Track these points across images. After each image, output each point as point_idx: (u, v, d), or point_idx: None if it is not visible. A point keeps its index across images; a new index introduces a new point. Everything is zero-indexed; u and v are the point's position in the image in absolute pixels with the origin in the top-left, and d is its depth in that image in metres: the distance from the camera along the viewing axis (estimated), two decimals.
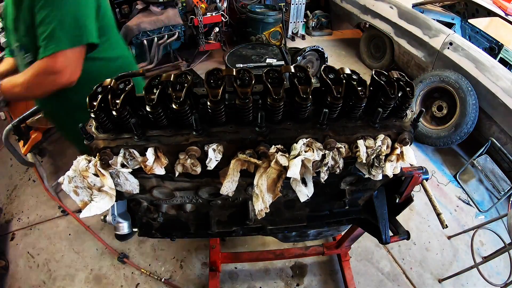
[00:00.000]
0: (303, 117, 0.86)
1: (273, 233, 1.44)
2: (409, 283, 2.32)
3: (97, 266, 2.28)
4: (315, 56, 4.17)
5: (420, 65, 3.91)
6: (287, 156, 0.82)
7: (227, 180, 0.86)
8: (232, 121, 0.85)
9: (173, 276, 2.25)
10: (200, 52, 4.60)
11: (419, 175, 1.12)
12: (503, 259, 2.47)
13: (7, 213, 2.65)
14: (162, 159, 0.83)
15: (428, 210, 2.79)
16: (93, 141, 0.81)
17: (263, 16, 4.59)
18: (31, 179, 2.89)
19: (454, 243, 2.61)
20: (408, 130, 0.89)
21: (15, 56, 1.32)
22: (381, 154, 0.89)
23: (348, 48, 5.54)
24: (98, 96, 0.76)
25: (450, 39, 3.49)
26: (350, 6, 5.03)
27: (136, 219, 1.19)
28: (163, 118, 0.81)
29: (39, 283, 2.20)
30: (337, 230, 1.82)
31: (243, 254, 2.13)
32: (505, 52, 3.77)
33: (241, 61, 3.27)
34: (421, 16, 3.86)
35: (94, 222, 2.52)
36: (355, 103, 0.83)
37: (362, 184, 1.13)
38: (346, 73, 0.83)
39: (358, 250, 2.45)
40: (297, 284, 2.25)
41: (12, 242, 2.45)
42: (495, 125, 3.10)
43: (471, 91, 3.09)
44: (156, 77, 0.79)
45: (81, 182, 0.84)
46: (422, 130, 3.36)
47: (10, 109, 2.35)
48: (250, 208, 1.15)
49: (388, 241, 1.25)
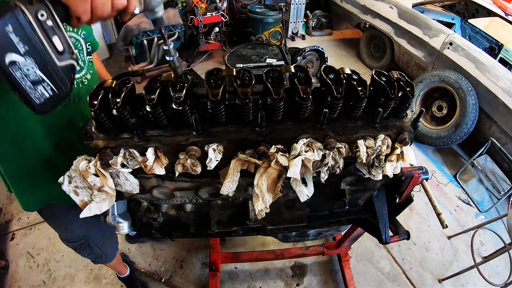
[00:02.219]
0: (303, 117, 0.86)
1: (273, 233, 1.44)
2: (409, 283, 2.32)
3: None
4: (315, 56, 4.17)
5: (420, 65, 3.91)
6: (287, 156, 0.82)
7: (227, 180, 0.86)
8: (232, 121, 0.85)
9: (173, 276, 2.25)
10: (200, 52, 4.60)
11: (419, 175, 1.12)
12: (503, 259, 2.46)
13: (7, 213, 2.65)
14: (162, 159, 0.83)
15: (428, 210, 2.79)
16: (93, 141, 0.81)
17: (263, 16, 4.59)
18: None
19: (454, 243, 2.61)
20: (408, 130, 0.89)
21: None
22: (381, 154, 0.89)
23: (348, 48, 5.54)
24: (98, 95, 0.76)
25: (450, 39, 3.49)
26: (350, 6, 5.04)
27: (136, 219, 1.19)
28: (163, 118, 0.81)
29: (39, 283, 2.20)
30: (337, 230, 1.82)
31: (243, 254, 2.13)
32: (505, 52, 3.77)
33: (241, 61, 3.27)
34: (421, 16, 3.86)
35: None
36: (355, 103, 0.83)
37: (362, 184, 1.13)
38: (346, 73, 0.83)
39: (358, 250, 2.45)
40: (297, 284, 2.25)
41: (12, 242, 2.45)
42: (495, 125, 3.09)
43: (471, 91, 3.09)
44: (156, 77, 0.79)
45: (81, 182, 0.85)
46: (422, 130, 3.36)
47: None
48: (250, 208, 1.15)
49: (388, 241, 1.25)
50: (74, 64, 0.60)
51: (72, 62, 0.59)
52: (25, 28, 0.49)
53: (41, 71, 0.53)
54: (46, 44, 0.53)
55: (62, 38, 0.56)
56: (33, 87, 0.53)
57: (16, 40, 0.49)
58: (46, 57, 0.54)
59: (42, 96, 0.56)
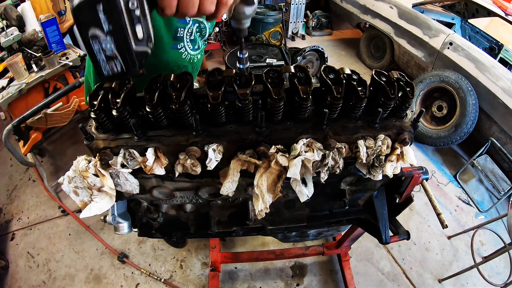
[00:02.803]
0: (303, 117, 0.86)
1: (273, 233, 1.44)
2: (409, 283, 2.32)
3: (97, 266, 2.28)
4: (315, 56, 4.17)
5: (420, 65, 3.91)
6: (287, 156, 0.82)
7: (227, 180, 0.86)
8: (232, 121, 0.85)
9: (173, 276, 2.25)
10: None
11: (419, 175, 1.12)
12: (503, 259, 2.46)
13: (7, 213, 2.65)
14: (162, 159, 0.83)
15: (428, 210, 2.79)
16: (93, 141, 0.81)
17: (263, 16, 4.59)
18: (31, 179, 2.89)
19: (454, 243, 2.61)
20: (408, 130, 0.89)
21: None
22: (381, 154, 0.89)
23: (348, 48, 5.54)
24: (98, 96, 0.76)
25: (450, 39, 3.49)
26: (350, 6, 5.03)
27: (136, 219, 1.19)
28: (163, 118, 0.81)
29: (39, 283, 2.20)
30: (337, 230, 1.82)
31: (243, 254, 2.13)
32: (505, 52, 3.77)
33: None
34: (421, 16, 3.86)
35: (94, 222, 2.52)
36: (355, 103, 0.83)
37: (362, 184, 1.13)
38: (346, 73, 0.83)
39: (358, 250, 2.45)
40: (297, 284, 2.25)
41: (12, 242, 2.45)
42: (495, 125, 3.09)
43: (471, 91, 3.09)
44: (156, 77, 0.79)
45: (81, 182, 0.84)
46: (422, 130, 3.36)
47: (10, 109, 2.35)
48: (250, 208, 1.15)
49: (388, 241, 1.25)
50: (148, 52, 0.63)
51: (147, 50, 0.62)
52: (113, 11, 0.53)
53: (117, 50, 0.57)
54: (129, 31, 0.56)
55: (145, 28, 0.60)
56: (106, 61, 0.58)
57: (103, 19, 0.53)
58: (125, 41, 0.57)
59: (112, 70, 0.60)
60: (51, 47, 2.59)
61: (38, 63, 2.50)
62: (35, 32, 2.63)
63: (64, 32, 3.00)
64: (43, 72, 2.45)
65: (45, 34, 2.52)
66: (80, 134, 0.86)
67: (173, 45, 1.16)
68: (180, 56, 1.21)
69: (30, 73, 2.44)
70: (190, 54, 1.23)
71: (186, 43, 1.19)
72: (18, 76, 2.36)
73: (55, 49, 2.59)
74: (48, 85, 2.57)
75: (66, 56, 2.63)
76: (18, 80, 2.37)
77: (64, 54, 2.66)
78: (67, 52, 2.68)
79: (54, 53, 2.50)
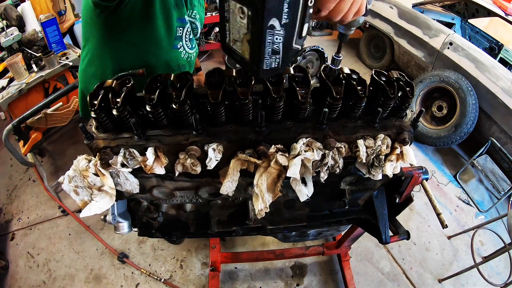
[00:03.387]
0: (303, 117, 0.86)
1: (273, 233, 1.44)
2: (409, 283, 2.32)
3: (97, 266, 2.28)
4: (315, 56, 4.17)
5: (420, 65, 3.91)
6: (287, 155, 0.82)
7: (227, 180, 0.86)
8: (232, 120, 0.85)
9: (173, 276, 2.25)
10: (200, 52, 4.60)
11: (419, 175, 1.12)
12: (503, 259, 2.46)
13: (7, 213, 2.65)
14: (162, 159, 0.83)
15: (428, 210, 2.79)
16: (93, 141, 0.81)
17: None
18: (31, 179, 2.89)
19: (454, 243, 2.61)
20: (408, 130, 0.89)
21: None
22: (381, 154, 0.89)
23: (348, 48, 5.53)
24: (98, 96, 0.76)
25: (450, 39, 3.48)
26: None
27: (136, 219, 1.19)
28: (163, 118, 0.81)
29: (39, 283, 2.20)
30: (337, 230, 1.82)
31: (243, 254, 2.13)
32: (505, 52, 3.77)
33: None
34: (421, 16, 3.86)
35: (94, 222, 2.52)
36: (355, 103, 0.83)
37: (362, 184, 1.13)
38: (346, 73, 0.83)
39: (358, 250, 2.45)
40: (297, 284, 2.25)
41: (12, 242, 2.45)
42: (495, 125, 3.09)
43: (471, 91, 3.09)
44: (156, 77, 0.79)
45: (81, 182, 0.85)
46: (422, 130, 3.36)
47: (10, 109, 2.35)
48: (250, 207, 1.15)
49: (388, 241, 1.25)
50: (299, 50, 0.63)
51: (299, 48, 0.62)
52: (296, 5, 0.53)
53: (283, 45, 0.57)
54: (299, 26, 0.57)
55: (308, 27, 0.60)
56: (270, 54, 0.57)
57: (285, 11, 0.52)
58: (292, 36, 0.57)
59: (270, 65, 0.59)
60: (51, 47, 2.59)
61: (38, 63, 2.50)
62: (35, 32, 2.63)
63: (64, 32, 3.01)
64: (43, 72, 2.45)
65: (45, 34, 2.52)
66: (80, 134, 0.86)
67: (173, 45, 1.17)
68: (180, 56, 1.22)
69: (30, 73, 2.44)
70: (188, 53, 1.26)
71: (184, 42, 1.20)
72: (18, 76, 2.36)
73: (55, 49, 2.59)
74: (48, 85, 2.58)
75: (66, 56, 2.63)
76: (18, 80, 2.37)
77: (64, 54, 2.66)
78: (67, 52, 2.69)
79: (54, 53, 2.50)
